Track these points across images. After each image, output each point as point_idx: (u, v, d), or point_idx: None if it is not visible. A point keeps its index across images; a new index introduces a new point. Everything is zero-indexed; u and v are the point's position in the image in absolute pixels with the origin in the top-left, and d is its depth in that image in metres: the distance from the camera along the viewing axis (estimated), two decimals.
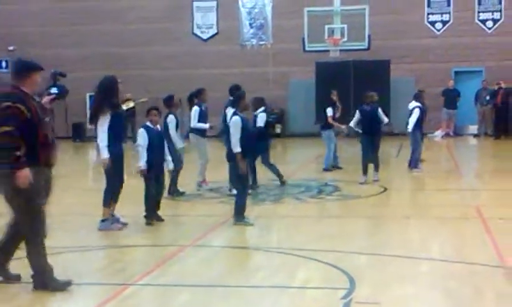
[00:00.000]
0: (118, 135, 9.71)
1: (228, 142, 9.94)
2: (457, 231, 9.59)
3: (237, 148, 9.62)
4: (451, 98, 25.61)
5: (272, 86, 26.07)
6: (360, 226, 10.27)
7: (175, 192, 12.26)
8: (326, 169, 15.90)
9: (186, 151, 12.53)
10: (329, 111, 15.92)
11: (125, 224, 9.82)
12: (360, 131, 14.55)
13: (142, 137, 9.90)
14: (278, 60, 26.66)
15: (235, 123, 9.71)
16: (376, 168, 14.31)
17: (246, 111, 10.11)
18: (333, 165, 16.08)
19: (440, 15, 26.80)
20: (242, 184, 9.89)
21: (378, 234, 9.54)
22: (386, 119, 14.70)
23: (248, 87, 14.14)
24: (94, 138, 9.89)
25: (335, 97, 16.61)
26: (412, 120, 15.49)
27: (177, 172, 12.01)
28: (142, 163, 9.82)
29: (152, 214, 9.92)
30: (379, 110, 14.48)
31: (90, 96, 22.94)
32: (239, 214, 9.75)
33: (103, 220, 9.72)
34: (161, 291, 6.84)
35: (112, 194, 9.71)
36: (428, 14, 26.86)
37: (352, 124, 14.77)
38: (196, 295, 6.65)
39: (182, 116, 15.82)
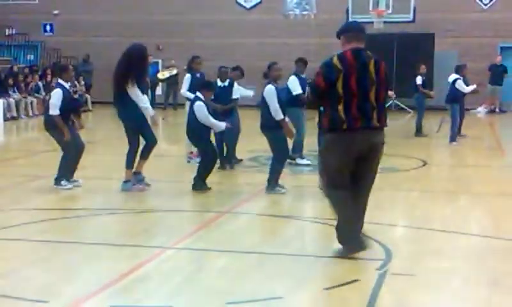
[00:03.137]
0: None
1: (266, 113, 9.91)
2: (496, 208, 9.51)
3: (279, 115, 9.70)
4: (497, 74, 25.17)
5: (314, 58, 25.90)
6: (397, 198, 10.24)
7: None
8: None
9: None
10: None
11: (148, 185, 9.97)
12: None
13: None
14: (321, 31, 26.45)
15: (269, 92, 9.76)
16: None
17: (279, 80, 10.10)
18: None
19: None
20: (280, 153, 9.93)
21: (416, 207, 9.51)
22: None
23: (289, 58, 14.13)
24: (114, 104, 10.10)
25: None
26: (465, 88, 15.66)
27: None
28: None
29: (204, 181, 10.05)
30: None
31: None
32: (272, 182, 9.84)
33: (125, 182, 9.91)
34: (198, 256, 6.94)
35: (134, 156, 9.89)
36: None
37: None
38: (233, 261, 6.74)
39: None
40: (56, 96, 9.99)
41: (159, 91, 26.12)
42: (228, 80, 12.27)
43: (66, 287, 5.89)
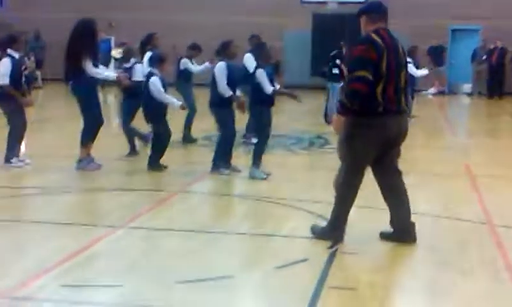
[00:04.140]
0: (93, 77, 9.78)
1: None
2: (444, 188, 9.69)
3: (227, 92, 9.65)
4: (436, 55, 25.45)
5: (268, 37, 25.89)
6: None
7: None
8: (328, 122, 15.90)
9: None
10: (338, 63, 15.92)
11: (100, 166, 9.90)
12: None
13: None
14: (274, 11, 26.45)
15: (219, 68, 9.69)
16: None
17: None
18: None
19: None
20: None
21: (367, 187, 9.59)
22: None
23: (243, 36, 14.09)
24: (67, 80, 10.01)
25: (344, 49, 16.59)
26: (416, 72, 15.79)
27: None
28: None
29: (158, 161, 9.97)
30: None
31: None
32: (216, 162, 9.84)
33: (80, 160, 9.82)
34: (150, 235, 6.92)
35: (89, 134, 9.80)
36: None
37: None
38: (186, 239, 6.74)
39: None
40: (5, 65, 9.81)
41: (111, 68, 25.82)
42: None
43: (14, 266, 5.81)
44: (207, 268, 5.86)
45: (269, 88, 9.44)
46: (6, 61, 9.84)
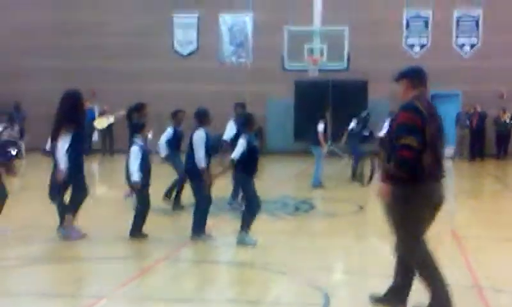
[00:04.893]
0: (79, 150, 9.80)
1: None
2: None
3: (201, 164, 9.67)
4: None
5: (250, 104, 26.15)
6: (335, 243, 10.30)
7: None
8: (314, 186, 15.88)
9: None
10: (320, 127, 15.99)
11: (84, 235, 9.81)
12: None
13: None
14: (256, 78, 26.76)
15: (198, 137, 9.73)
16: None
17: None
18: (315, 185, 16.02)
19: (417, 39, 27.12)
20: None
21: (353, 252, 9.59)
22: None
23: (225, 104, 14.21)
24: (50, 153, 9.97)
25: (328, 114, 16.76)
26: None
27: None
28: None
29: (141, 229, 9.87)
30: None
31: None
32: (196, 230, 9.78)
33: (64, 228, 9.73)
34: (135, 304, 6.81)
35: (76, 204, 9.74)
36: (406, 37, 27.17)
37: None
38: None
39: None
40: None
41: (95, 136, 25.93)
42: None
43: None
44: None
45: (235, 155, 9.48)
46: None
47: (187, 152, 9.86)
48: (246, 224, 9.54)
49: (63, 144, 9.61)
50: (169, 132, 12.59)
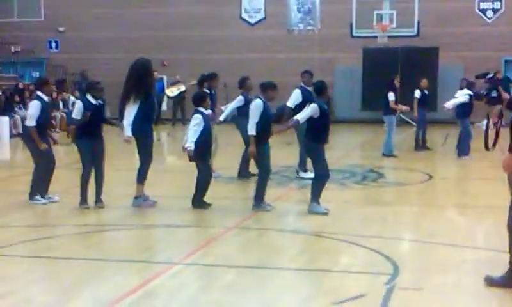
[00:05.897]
0: (149, 116, 9.93)
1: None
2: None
3: (251, 131, 9.64)
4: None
5: (318, 72, 26.02)
6: (404, 212, 10.23)
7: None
8: (385, 154, 15.78)
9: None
10: (391, 96, 15.83)
11: (154, 202, 9.99)
12: None
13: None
14: (324, 46, 26.57)
15: (255, 105, 9.69)
16: None
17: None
18: (386, 154, 15.89)
19: (491, 3, 26.37)
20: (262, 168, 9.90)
21: (422, 221, 9.50)
22: None
23: (293, 72, 14.16)
24: (118, 118, 10.15)
25: (397, 82, 16.55)
26: (456, 102, 15.67)
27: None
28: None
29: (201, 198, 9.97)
30: None
31: None
32: (258, 199, 9.78)
33: (136, 197, 9.93)
34: (206, 271, 6.94)
35: (145, 172, 9.91)
36: (479, 1, 26.46)
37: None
38: (241, 276, 6.74)
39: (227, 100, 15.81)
40: (34, 107, 10.05)
41: (164, 106, 26.25)
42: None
43: (74, 303, 5.89)
44: (265, 304, 5.85)
45: (300, 118, 9.42)
46: (36, 104, 10.04)
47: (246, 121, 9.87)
48: (316, 193, 9.54)
49: (130, 111, 9.77)
50: (240, 99, 12.62)
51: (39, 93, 10.24)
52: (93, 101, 9.99)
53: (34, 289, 6.34)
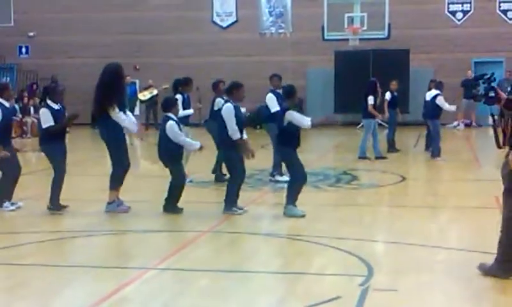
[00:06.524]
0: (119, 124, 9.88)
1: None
2: (475, 221, 9.59)
3: (236, 135, 9.63)
4: (470, 88, 25.37)
5: (291, 75, 26.11)
6: (377, 214, 10.31)
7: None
8: (361, 157, 15.82)
9: None
10: (371, 100, 15.88)
11: (128, 208, 9.95)
12: None
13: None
14: (296, 49, 26.66)
15: (227, 110, 9.68)
16: None
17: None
18: (377, 156, 15.88)
19: (460, 5, 26.66)
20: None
21: (396, 222, 9.57)
22: None
23: (265, 75, 14.17)
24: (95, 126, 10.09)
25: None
26: (446, 106, 15.81)
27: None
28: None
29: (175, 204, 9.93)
30: None
31: None
32: (228, 202, 9.76)
33: (109, 203, 9.89)
34: (181, 276, 6.92)
35: (118, 178, 9.87)
36: (449, 3, 26.73)
37: None
38: (216, 280, 6.73)
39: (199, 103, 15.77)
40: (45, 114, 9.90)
41: (137, 111, 26.13)
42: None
43: None
44: None
45: (308, 124, 9.47)
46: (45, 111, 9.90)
47: (219, 125, 9.86)
48: (292, 196, 9.56)
49: (120, 113, 9.70)
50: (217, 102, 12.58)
51: (0, 99, 10.11)
52: (55, 106, 9.90)
53: (9, 296, 6.27)
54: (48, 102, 9.92)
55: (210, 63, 26.62)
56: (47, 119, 9.80)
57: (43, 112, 9.88)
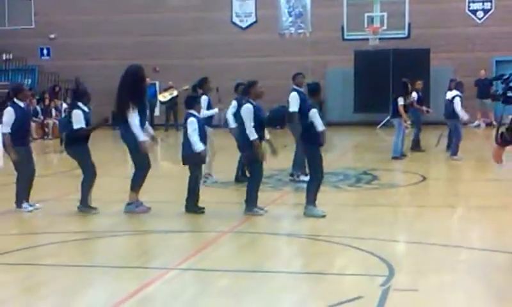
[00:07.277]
0: (141, 123, 9.90)
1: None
2: (496, 221, 9.53)
3: (252, 135, 9.62)
4: (483, 87, 25.07)
5: (310, 75, 26.06)
6: (398, 214, 10.28)
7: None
8: (394, 157, 15.77)
9: None
10: (401, 100, 15.84)
11: (148, 208, 9.99)
12: None
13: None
14: (316, 49, 26.60)
15: (246, 110, 9.72)
16: None
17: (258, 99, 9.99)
18: (402, 154, 15.90)
19: (481, 4, 26.48)
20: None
21: (417, 222, 9.54)
22: None
23: (285, 76, 14.20)
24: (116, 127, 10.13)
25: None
26: (459, 109, 15.62)
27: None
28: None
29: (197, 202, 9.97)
30: None
31: None
32: (249, 203, 9.75)
33: (128, 204, 9.94)
34: (202, 276, 6.95)
35: (139, 179, 9.91)
36: (469, 2, 26.56)
37: None
38: (237, 280, 6.75)
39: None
40: (7, 115, 9.97)
41: (157, 112, 26.28)
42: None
43: None
44: None
45: (321, 127, 9.48)
46: (10, 111, 9.94)
47: (238, 127, 9.87)
48: (312, 195, 9.57)
49: (134, 119, 9.75)
50: (234, 104, 12.58)
51: (15, 99, 10.21)
52: (85, 108, 10.03)
53: (30, 296, 6.33)
54: (79, 104, 10.03)
55: (229, 64, 26.66)
56: (79, 121, 9.91)
57: (76, 113, 9.98)
